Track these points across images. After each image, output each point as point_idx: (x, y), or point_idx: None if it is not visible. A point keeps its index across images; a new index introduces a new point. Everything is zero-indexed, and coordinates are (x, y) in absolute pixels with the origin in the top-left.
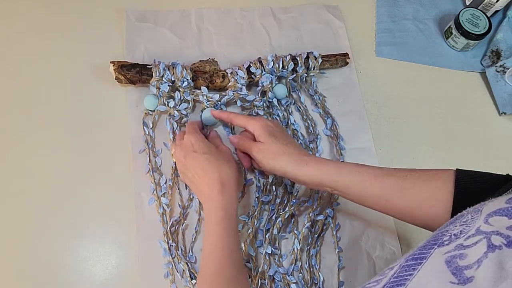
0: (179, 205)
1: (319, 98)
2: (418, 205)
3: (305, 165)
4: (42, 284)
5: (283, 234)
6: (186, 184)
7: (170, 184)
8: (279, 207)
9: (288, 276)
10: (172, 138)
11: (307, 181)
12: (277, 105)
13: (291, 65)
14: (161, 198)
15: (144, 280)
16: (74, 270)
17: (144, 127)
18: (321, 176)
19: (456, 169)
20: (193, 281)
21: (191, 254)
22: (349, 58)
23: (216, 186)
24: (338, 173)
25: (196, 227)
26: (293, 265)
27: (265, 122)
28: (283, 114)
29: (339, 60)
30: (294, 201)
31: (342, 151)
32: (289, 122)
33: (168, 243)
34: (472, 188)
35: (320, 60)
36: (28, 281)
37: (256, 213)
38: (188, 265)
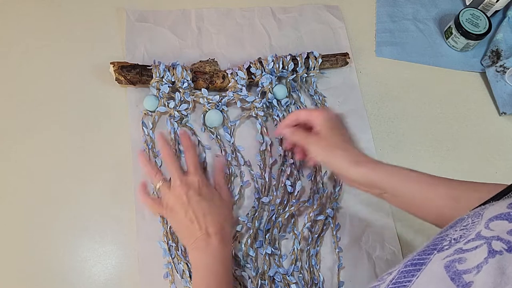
0: None
1: (319, 98)
2: (458, 208)
3: (359, 165)
4: (42, 284)
5: (283, 234)
6: (166, 220)
7: None
8: (278, 207)
9: (288, 276)
10: (173, 138)
11: (358, 181)
12: (277, 105)
13: (291, 65)
14: None
15: (144, 280)
16: (74, 270)
17: (144, 128)
18: (373, 178)
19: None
20: None
21: None
22: (349, 58)
23: (216, 234)
24: (390, 177)
25: None
26: (293, 265)
27: (330, 114)
28: (283, 115)
29: (339, 60)
30: (294, 201)
31: None
32: None
33: (168, 243)
34: None
35: (320, 60)
36: (28, 281)
37: (256, 214)
38: (188, 266)
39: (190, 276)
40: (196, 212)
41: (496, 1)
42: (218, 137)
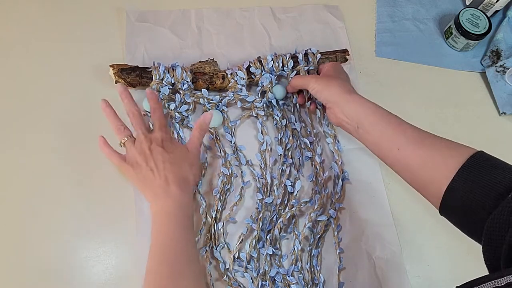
0: None
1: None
2: (425, 162)
3: (350, 94)
4: (42, 284)
5: (284, 234)
6: (126, 176)
7: None
8: (279, 208)
9: (289, 276)
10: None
11: (345, 110)
12: (276, 105)
13: (290, 63)
14: None
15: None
16: (74, 270)
17: None
18: (357, 108)
19: (479, 151)
20: None
21: None
22: (348, 54)
23: (175, 182)
24: (372, 116)
25: (201, 230)
26: (293, 265)
27: (328, 66)
28: (282, 114)
29: (339, 56)
30: (294, 201)
31: (340, 152)
32: (287, 122)
33: None
34: (476, 177)
35: (318, 55)
36: (28, 281)
37: (260, 215)
38: None
39: None
40: (156, 161)
41: (496, 1)
42: (218, 137)
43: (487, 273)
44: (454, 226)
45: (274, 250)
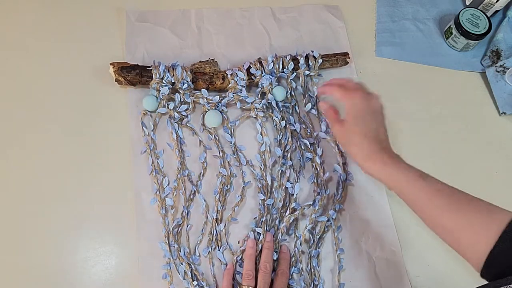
0: (183, 206)
1: (317, 100)
2: (464, 228)
3: (370, 162)
4: (42, 284)
5: (284, 238)
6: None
7: (175, 185)
8: (281, 211)
9: (289, 279)
10: (175, 139)
11: (370, 175)
12: (276, 106)
13: (291, 65)
14: (166, 199)
15: (144, 280)
16: (74, 270)
17: (144, 128)
18: (380, 177)
19: None
20: (195, 283)
21: (197, 255)
22: (349, 57)
23: None
24: (396, 179)
25: (202, 230)
26: (293, 267)
27: (357, 101)
28: (282, 116)
29: (339, 59)
30: (294, 204)
31: (343, 152)
32: (287, 123)
33: (169, 244)
34: None
35: (320, 60)
36: (28, 281)
37: (263, 218)
38: (190, 266)
39: (192, 277)
40: None
41: (496, 1)
42: (217, 137)
43: None
44: None
45: (275, 253)
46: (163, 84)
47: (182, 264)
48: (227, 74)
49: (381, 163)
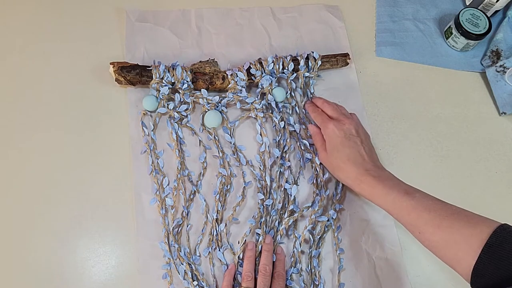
0: (183, 206)
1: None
2: (448, 244)
3: (358, 185)
4: (42, 284)
5: (282, 241)
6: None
7: (175, 185)
8: (280, 212)
9: (287, 280)
10: (175, 139)
11: (362, 196)
12: (276, 107)
13: (291, 66)
14: (166, 199)
15: (144, 280)
16: (74, 270)
17: (144, 128)
18: (370, 197)
19: (500, 226)
20: (195, 283)
21: (197, 255)
22: (349, 58)
23: None
24: (384, 200)
25: (202, 230)
26: (292, 267)
27: (329, 132)
28: (281, 117)
29: (340, 60)
30: (292, 206)
31: None
32: (286, 124)
33: (169, 244)
34: (501, 254)
35: (319, 62)
36: (28, 281)
37: (263, 219)
38: (191, 266)
39: (192, 278)
40: None
41: (496, 1)
42: (216, 137)
43: None
44: None
45: (274, 255)
46: (163, 84)
47: (182, 264)
48: (227, 74)
49: (367, 186)
